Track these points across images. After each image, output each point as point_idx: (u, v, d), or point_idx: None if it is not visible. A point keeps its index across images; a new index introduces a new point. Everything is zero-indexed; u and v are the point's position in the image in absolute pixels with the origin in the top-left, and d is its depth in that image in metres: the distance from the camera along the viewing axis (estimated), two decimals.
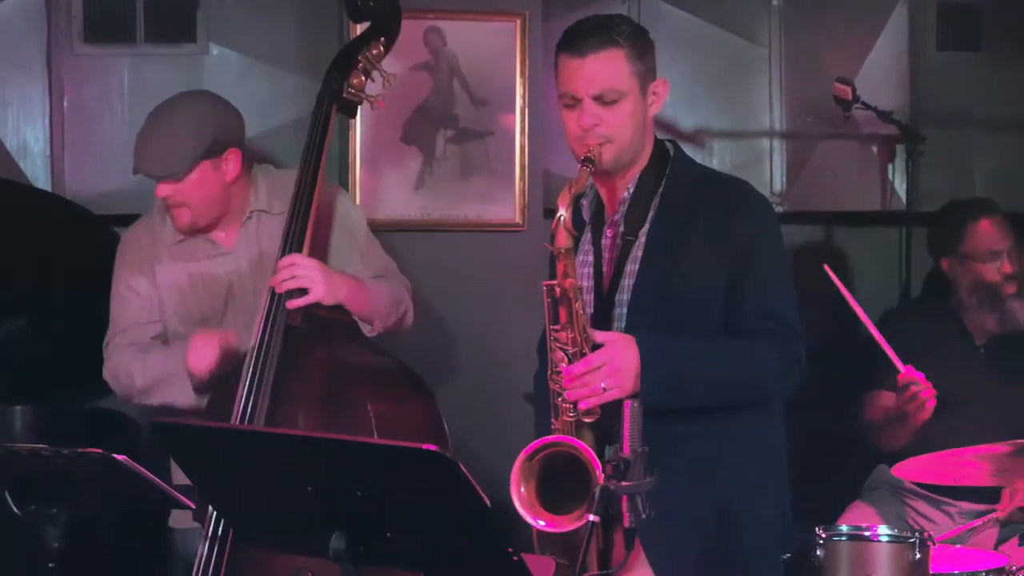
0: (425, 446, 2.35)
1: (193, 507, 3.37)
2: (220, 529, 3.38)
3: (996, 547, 4.06)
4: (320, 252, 3.73)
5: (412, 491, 2.43)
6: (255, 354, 3.48)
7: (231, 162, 3.69)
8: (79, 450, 3.12)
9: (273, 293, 3.52)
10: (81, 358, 4.41)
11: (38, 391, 4.42)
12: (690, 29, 4.95)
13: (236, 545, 3.36)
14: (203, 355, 3.58)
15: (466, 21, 3.75)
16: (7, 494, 3.22)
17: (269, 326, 3.50)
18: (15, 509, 3.23)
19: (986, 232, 4.38)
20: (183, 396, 3.65)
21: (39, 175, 4.57)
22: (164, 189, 3.67)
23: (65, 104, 4.55)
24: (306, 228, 3.56)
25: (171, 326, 3.79)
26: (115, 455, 3.12)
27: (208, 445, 2.68)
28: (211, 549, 3.39)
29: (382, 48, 3.68)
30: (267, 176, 3.83)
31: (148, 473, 3.27)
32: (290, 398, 3.47)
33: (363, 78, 3.67)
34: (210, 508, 3.37)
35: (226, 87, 3.98)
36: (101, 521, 4.16)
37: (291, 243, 3.54)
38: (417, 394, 3.57)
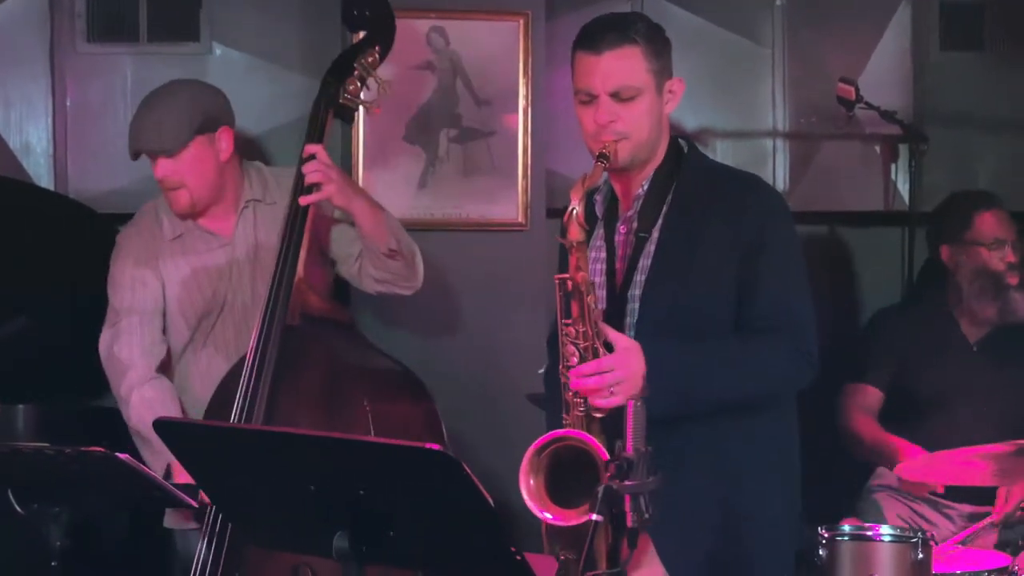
0: (428, 445, 2.35)
1: (195, 505, 3.37)
2: (219, 527, 3.39)
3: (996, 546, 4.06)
4: (320, 244, 3.81)
5: (415, 490, 2.43)
6: (253, 354, 3.50)
7: (224, 140, 3.79)
8: (81, 449, 3.12)
9: (271, 295, 3.53)
10: (84, 357, 4.40)
11: (41, 390, 4.42)
12: (694, 29, 4.94)
13: (234, 543, 3.37)
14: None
15: (469, 20, 3.75)
16: (10, 493, 3.22)
17: (267, 326, 3.51)
18: (18, 508, 3.23)
19: (993, 221, 4.42)
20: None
21: (42, 174, 4.57)
22: (162, 168, 3.74)
23: (68, 103, 4.56)
24: (304, 228, 3.58)
25: (174, 320, 3.83)
26: (117, 454, 3.12)
27: (211, 444, 2.68)
28: (209, 547, 3.40)
29: (377, 56, 3.72)
30: (257, 170, 3.94)
31: (150, 472, 3.27)
32: (287, 397, 3.49)
33: (359, 84, 3.72)
34: (208, 507, 3.38)
35: (229, 86, 3.99)
36: (103, 520, 4.17)
37: (289, 243, 3.57)
38: (414, 394, 3.58)
